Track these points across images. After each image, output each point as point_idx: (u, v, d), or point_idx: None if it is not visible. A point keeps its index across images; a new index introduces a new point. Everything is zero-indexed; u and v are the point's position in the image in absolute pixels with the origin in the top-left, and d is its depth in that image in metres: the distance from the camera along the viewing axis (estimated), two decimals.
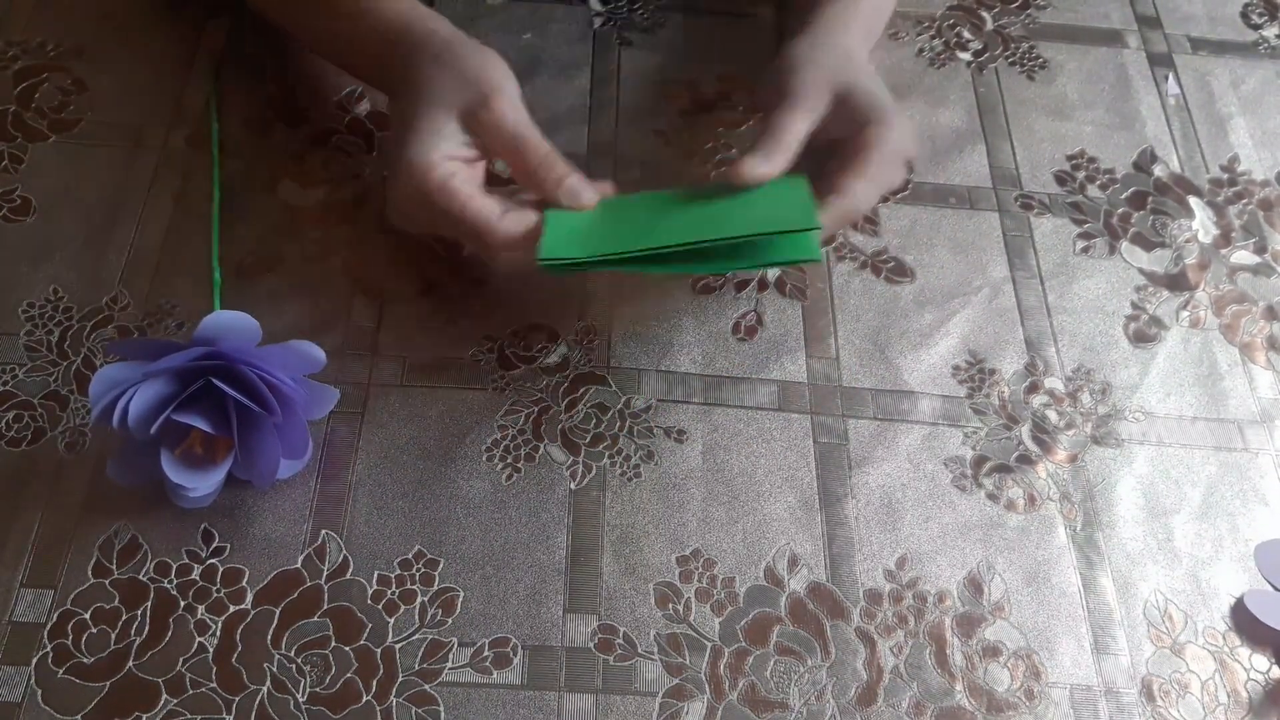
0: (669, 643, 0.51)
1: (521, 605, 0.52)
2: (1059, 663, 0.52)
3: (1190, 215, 0.69)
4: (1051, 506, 0.57)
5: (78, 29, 0.69)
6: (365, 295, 0.60)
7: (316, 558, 0.52)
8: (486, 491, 0.55)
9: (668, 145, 0.68)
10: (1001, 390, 0.61)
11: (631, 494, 0.55)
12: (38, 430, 0.54)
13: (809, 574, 0.54)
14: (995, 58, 0.76)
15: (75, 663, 0.48)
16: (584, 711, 0.49)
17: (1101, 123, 0.73)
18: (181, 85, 0.67)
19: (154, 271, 0.60)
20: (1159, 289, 0.66)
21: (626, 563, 0.53)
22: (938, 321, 0.63)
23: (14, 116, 0.65)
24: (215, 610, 0.50)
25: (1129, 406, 0.61)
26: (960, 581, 0.54)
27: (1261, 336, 0.65)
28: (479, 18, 0.73)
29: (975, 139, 0.71)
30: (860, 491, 0.57)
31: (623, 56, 0.72)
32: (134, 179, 0.63)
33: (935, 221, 0.67)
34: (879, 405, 0.60)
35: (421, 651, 0.50)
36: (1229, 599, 0.55)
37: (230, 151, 0.65)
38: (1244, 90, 0.76)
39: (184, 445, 0.50)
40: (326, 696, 0.48)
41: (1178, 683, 0.53)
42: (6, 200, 0.62)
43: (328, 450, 0.55)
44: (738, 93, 0.71)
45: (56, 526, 0.52)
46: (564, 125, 0.68)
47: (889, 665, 0.52)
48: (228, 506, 0.53)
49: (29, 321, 0.57)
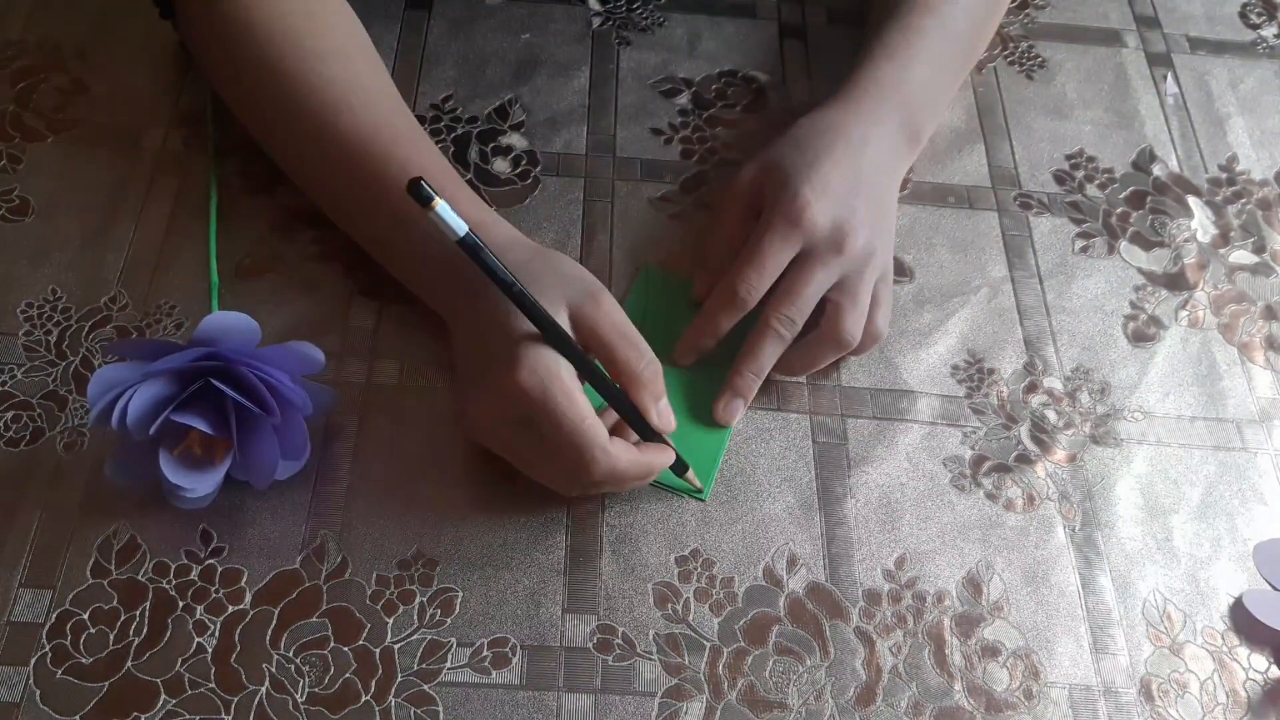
0: (668, 643, 0.51)
1: (520, 605, 0.52)
2: (1058, 662, 0.52)
3: (1189, 215, 0.69)
4: (1050, 506, 0.57)
5: (77, 29, 0.69)
6: (365, 295, 0.60)
7: (315, 558, 0.52)
8: (485, 491, 0.55)
9: (667, 145, 0.68)
10: (1000, 390, 0.61)
11: (630, 494, 0.55)
12: (36, 430, 0.54)
13: (808, 574, 0.54)
14: (994, 57, 0.75)
15: (74, 663, 0.48)
16: (583, 711, 0.49)
17: (1100, 122, 0.73)
18: (180, 86, 0.67)
19: (152, 272, 0.60)
20: (1158, 288, 0.66)
21: (625, 563, 0.53)
22: (937, 321, 0.63)
23: (13, 116, 0.65)
24: (214, 610, 0.50)
25: (1128, 406, 0.61)
26: (959, 581, 0.54)
27: (1260, 336, 0.65)
28: (478, 18, 0.73)
29: (974, 138, 0.71)
30: (859, 491, 0.57)
31: (622, 56, 0.72)
32: (133, 179, 0.63)
33: (934, 221, 0.67)
34: (878, 405, 0.60)
35: (420, 652, 0.50)
36: (1228, 599, 0.55)
37: (229, 152, 0.65)
38: (1242, 90, 0.76)
39: (183, 446, 0.50)
40: (325, 697, 0.48)
41: (1176, 682, 0.53)
42: (5, 200, 0.62)
43: (326, 450, 0.55)
44: (738, 92, 0.71)
45: (55, 527, 0.52)
46: (563, 125, 0.68)
47: (888, 665, 0.52)
48: (226, 507, 0.53)
49: (27, 321, 0.57)
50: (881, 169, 0.61)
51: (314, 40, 0.59)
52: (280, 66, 0.58)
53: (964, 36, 0.68)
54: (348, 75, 0.59)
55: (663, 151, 0.68)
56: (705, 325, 0.58)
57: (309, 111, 0.57)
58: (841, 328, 0.57)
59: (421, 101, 0.68)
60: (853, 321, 0.57)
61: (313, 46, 0.58)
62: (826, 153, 0.59)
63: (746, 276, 0.56)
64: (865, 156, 0.60)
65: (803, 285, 0.56)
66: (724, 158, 0.68)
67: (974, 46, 0.70)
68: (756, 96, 0.71)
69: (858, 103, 0.62)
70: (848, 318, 0.57)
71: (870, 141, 0.60)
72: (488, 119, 0.68)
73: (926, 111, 0.65)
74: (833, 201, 0.57)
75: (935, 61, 0.65)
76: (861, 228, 0.57)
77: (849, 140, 0.60)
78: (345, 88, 0.58)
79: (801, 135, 0.60)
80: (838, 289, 0.57)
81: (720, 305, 0.57)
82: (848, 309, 0.57)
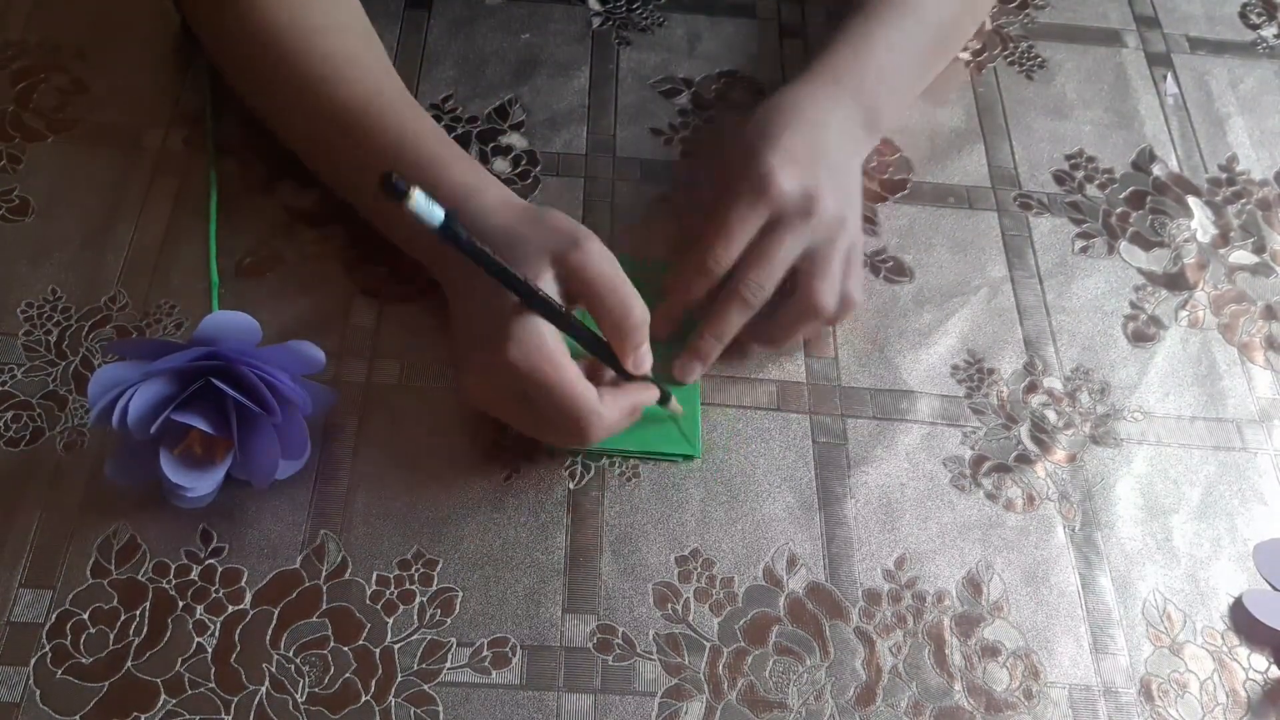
0: (668, 643, 0.51)
1: (520, 605, 0.52)
2: (1058, 662, 0.52)
3: (1189, 215, 0.69)
4: (1050, 506, 0.57)
5: (77, 29, 0.69)
6: (365, 295, 0.60)
7: (315, 558, 0.52)
8: (485, 491, 0.55)
9: (667, 145, 0.68)
10: (1000, 390, 0.61)
11: (630, 494, 0.55)
12: (36, 430, 0.54)
13: (808, 574, 0.54)
14: (994, 57, 0.76)
15: (74, 663, 0.48)
16: (583, 711, 0.49)
17: (1100, 122, 0.73)
18: (180, 86, 0.67)
19: (152, 271, 0.60)
20: (1158, 288, 0.66)
21: (625, 563, 0.53)
22: (936, 321, 0.63)
23: (13, 116, 0.65)
24: (214, 610, 0.50)
25: (1127, 406, 0.61)
26: (959, 581, 0.54)
27: (1260, 336, 0.65)
28: (478, 18, 0.73)
29: (974, 138, 0.71)
30: (859, 491, 0.57)
31: (621, 56, 0.72)
32: (133, 179, 0.63)
33: (934, 221, 0.67)
34: (878, 405, 0.60)
35: (420, 651, 0.50)
36: (1227, 599, 0.55)
37: (229, 151, 0.65)
38: (1242, 90, 0.76)
39: (183, 445, 0.50)
40: (325, 697, 0.48)
41: (1176, 682, 0.53)
42: (5, 200, 0.62)
43: (326, 450, 0.55)
44: (738, 92, 0.71)
45: (55, 527, 0.52)
46: (563, 125, 0.68)
47: (888, 665, 0.52)
48: (226, 507, 0.53)
49: (27, 321, 0.57)
50: (842, 147, 0.61)
51: (313, 16, 0.60)
52: (281, 41, 0.59)
53: (934, 27, 0.67)
54: (346, 48, 0.60)
55: (663, 151, 0.68)
56: (675, 296, 0.58)
57: (309, 85, 0.58)
58: (815, 294, 0.57)
59: (421, 101, 0.68)
60: (826, 288, 0.57)
61: (312, 22, 0.60)
62: (787, 127, 0.58)
63: (714, 247, 0.56)
64: (826, 133, 0.60)
65: (772, 251, 0.56)
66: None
67: (948, 38, 0.70)
68: (756, 97, 0.71)
69: (813, 85, 0.62)
70: (821, 284, 0.57)
71: (830, 121, 0.60)
72: (487, 119, 0.68)
73: (888, 99, 0.65)
74: (799, 169, 0.57)
75: (897, 50, 0.65)
76: (829, 195, 0.57)
77: (807, 117, 0.60)
78: (343, 59, 0.59)
79: (761, 115, 0.60)
80: (807, 258, 0.57)
81: (689, 275, 0.57)
82: (820, 276, 0.57)
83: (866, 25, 0.65)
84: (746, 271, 0.56)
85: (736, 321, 0.57)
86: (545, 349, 0.49)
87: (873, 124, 0.64)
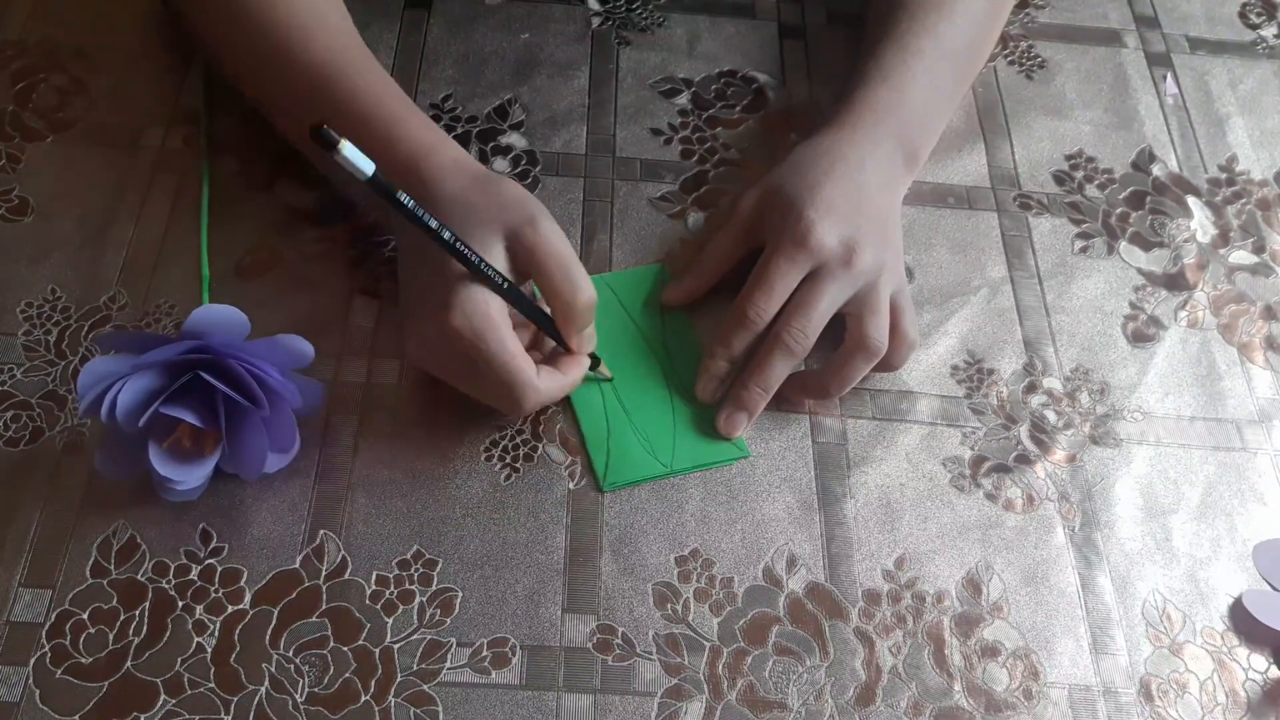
0: (667, 643, 0.51)
1: (520, 605, 0.52)
2: (1057, 662, 0.53)
3: (1188, 215, 0.69)
4: (1050, 506, 0.57)
5: (76, 29, 0.69)
6: (365, 295, 0.60)
7: (315, 558, 0.52)
8: (485, 491, 0.55)
9: (667, 145, 0.68)
10: (1000, 390, 0.61)
11: (630, 494, 0.55)
12: (35, 430, 0.54)
13: (807, 574, 0.54)
14: (994, 57, 0.75)
15: (73, 663, 0.48)
16: (582, 711, 0.49)
17: (1100, 122, 0.73)
18: (179, 86, 0.67)
19: (152, 271, 0.60)
20: (1157, 289, 0.66)
21: (625, 563, 0.53)
22: (936, 321, 0.63)
23: (12, 116, 0.65)
24: (213, 610, 0.50)
25: (1127, 406, 0.61)
26: (959, 581, 0.54)
27: (1260, 336, 0.65)
28: (478, 17, 0.73)
29: (974, 138, 0.71)
30: (859, 491, 0.57)
31: (621, 56, 0.72)
32: (132, 179, 0.63)
33: (933, 221, 0.67)
34: (878, 405, 0.60)
35: (420, 651, 0.50)
36: (1227, 599, 0.55)
37: (229, 149, 0.65)
38: (1242, 90, 0.76)
39: (172, 438, 0.50)
40: (325, 697, 0.48)
41: (1176, 682, 0.53)
42: (4, 200, 0.62)
43: (326, 450, 0.55)
44: (737, 93, 0.71)
45: (54, 526, 0.52)
46: (563, 125, 0.68)
47: (887, 665, 0.52)
48: (226, 506, 0.53)
49: (27, 321, 0.57)
50: (882, 189, 0.61)
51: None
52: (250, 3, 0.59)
53: (960, 56, 0.68)
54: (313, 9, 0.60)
55: (662, 151, 0.68)
56: (718, 350, 0.58)
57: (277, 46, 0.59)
58: (865, 334, 0.57)
59: (421, 101, 0.68)
60: (875, 327, 0.57)
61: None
62: (826, 175, 0.59)
63: (755, 299, 0.56)
64: (865, 177, 0.60)
65: (814, 299, 0.56)
66: (724, 158, 0.68)
67: (971, 65, 0.70)
68: (756, 97, 0.71)
69: (854, 127, 0.62)
70: (870, 324, 0.57)
71: (868, 163, 0.60)
72: (487, 119, 0.68)
73: (923, 133, 0.65)
74: (838, 220, 0.57)
75: (931, 83, 0.65)
76: (869, 244, 0.57)
77: (848, 162, 0.60)
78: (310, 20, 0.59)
79: (800, 160, 0.60)
80: (854, 303, 0.57)
81: (731, 328, 0.57)
82: (868, 316, 0.57)
83: (902, 59, 0.64)
84: (789, 319, 0.56)
85: (781, 370, 0.57)
86: (489, 318, 0.50)
87: (912, 159, 0.64)
